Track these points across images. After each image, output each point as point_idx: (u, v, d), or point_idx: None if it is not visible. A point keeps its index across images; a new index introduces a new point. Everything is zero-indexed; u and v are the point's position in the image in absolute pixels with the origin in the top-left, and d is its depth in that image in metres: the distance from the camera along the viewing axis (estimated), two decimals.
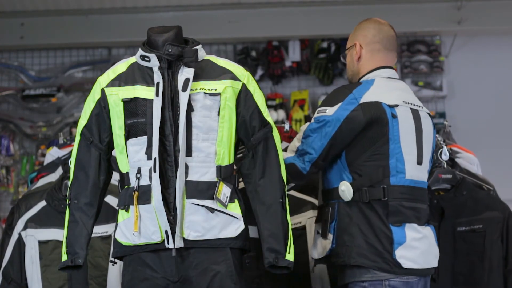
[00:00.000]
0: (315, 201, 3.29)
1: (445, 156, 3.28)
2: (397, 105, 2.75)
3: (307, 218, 3.24)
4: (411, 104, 2.81)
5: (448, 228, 3.22)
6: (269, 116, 2.71)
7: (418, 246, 2.69)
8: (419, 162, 2.77)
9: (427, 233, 2.76)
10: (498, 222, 3.28)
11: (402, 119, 2.74)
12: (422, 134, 2.80)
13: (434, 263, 2.78)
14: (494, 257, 3.23)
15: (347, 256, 2.69)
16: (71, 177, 2.72)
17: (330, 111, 2.74)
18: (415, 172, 2.75)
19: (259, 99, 2.69)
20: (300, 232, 3.20)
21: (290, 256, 2.60)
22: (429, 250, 2.74)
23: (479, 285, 3.22)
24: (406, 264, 2.66)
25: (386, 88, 2.79)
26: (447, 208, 3.22)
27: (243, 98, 2.66)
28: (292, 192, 3.27)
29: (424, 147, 2.80)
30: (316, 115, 2.79)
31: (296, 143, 2.82)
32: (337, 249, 2.72)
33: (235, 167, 2.71)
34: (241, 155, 2.76)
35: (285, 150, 2.85)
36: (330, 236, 2.74)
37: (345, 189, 2.71)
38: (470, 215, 3.26)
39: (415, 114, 2.80)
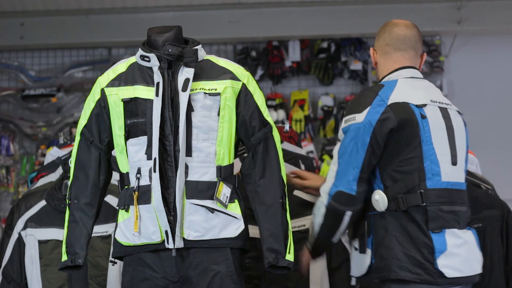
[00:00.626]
0: None
1: None
2: (425, 105, 2.65)
3: (311, 222, 3.23)
4: (438, 102, 2.72)
5: None
6: (269, 116, 2.71)
7: (459, 253, 2.57)
8: (454, 162, 2.65)
9: (468, 238, 2.63)
10: (497, 220, 3.24)
11: (431, 119, 2.64)
12: (453, 133, 2.68)
13: (478, 269, 2.65)
14: (494, 255, 3.20)
15: (387, 270, 2.57)
16: (71, 177, 2.72)
17: (359, 117, 2.60)
18: (451, 173, 2.63)
19: (259, 99, 2.69)
20: (303, 236, 3.19)
21: (290, 256, 2.60)
22: (471, 255, 2.62)
23: (480, 284, 3.21)
24: (449, 273, 2.54)
25: (410, 88, 2.69)
26: None
27: (243, 98, 2.66)
28: (298, 193, 3.26)
29: (457, 147, 2.67)
30: (344, 125, 2.65)
31: (333, 167, 2.65)
32: (376, 264, 2.60)
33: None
34: (246, 154, 2.75)
35: (285, 150, 2.82)
36: (369, 251, 2.62)
37: (379, 199, 2.59)
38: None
39: (444, 112, 2.70)
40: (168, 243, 2.55)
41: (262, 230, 2.63)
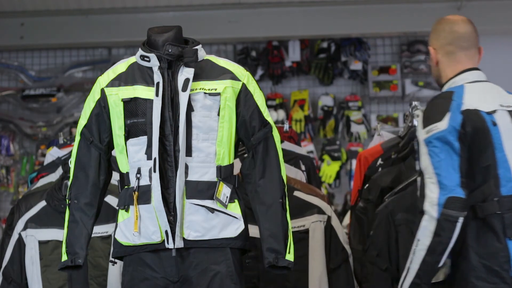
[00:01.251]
0: (322, 205, 3.28)
1: None
2: (495, 111, 2.58)
3: (311, 222, 3.22)
4: (507, 106, 2.63)
5: None
6: (269, 116, 2.71)
7: None
8: None
9: None
10: None
11: (502, 125, 2.57)
12: None
13: None
14: None
15: (464, 281, 2.53)
16: (71, 177, 2.72)
17: (441, 124, 2.53)
18: None
19: (259, 99, 2.69)
20: (302, 236, 3.19)
21: (290, 256, 2.60)
22: None
23: None
24: None
25: (479, 93, 2.62)
26: None
27: (243, 98, 2.65)
28: (298, 194, 3.26)
29: None
30: (425, 136, 2.56)
31: (431, 181, 2.51)
32: (453, 275, 2.58)
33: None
34: (246, 154, 2.75)
35: (285, 150, 2.80)
36: (448, 261, 2.57)
37: None
38: None
39: None
40: (168, 243, 2.55)
41: (262, 230, 2.62)
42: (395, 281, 2.89)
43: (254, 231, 2.73)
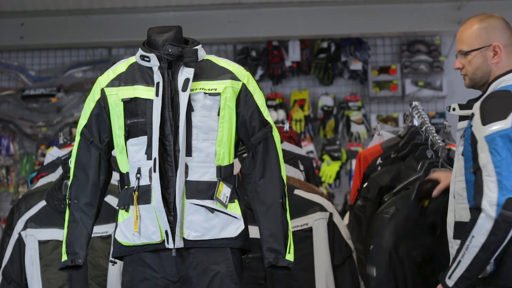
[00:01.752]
0: (323, 202, 3.28)
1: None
2: None
3: (314, 220, 3.23)
4: None
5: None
6: (269, 116, 2.71)
7: None
8: None
9: None
10: None
11: None
12: None
13: None
14: None
15: (508, 279, 2.52)
16: (71, 177, 2.72)
17: (506, 123, 2.50)
18: None
19: (259, 99, 2.69)
20: (306, 234, 3.20)
21: (290, 256, 2.60)
22: None
23: None
24: None
25: None
26: None
27: (243, 98, 2.65)
28: (299, 192, 3.27)
29: None
30: (486, 133, 2.52)
31: (490, 179, 2.48)
32: (496, 271, 2.55)
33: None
34: (245, 154, 2.75)
35: (284, 151, 2.79)
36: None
37: None
38: None
39: None
40: (168, 243, 2.55)
41: (262, 230, 2.62)
42: None
43: (257, 232, 2.73)
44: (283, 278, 3.05)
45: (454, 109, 2.73)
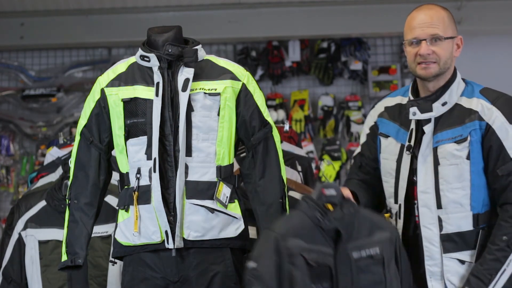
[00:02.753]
0: None
1: None
2: None
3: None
4: None
5: None
6: (269, 116, 2.71)
7: None
8: None
9: None
10: None
11: None
12: None
13: None
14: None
15: None
16: (71, 177, 2.72)
17: None
18: None
19: (259, 99, 2.69)
20: None
21: None
22: None
23: None
24: None
25: None
26: None
27: (243, 98, 2.66)
28: (293, 194, 3.26)
29: None
30: None
31: None
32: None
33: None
34: (244, 154, 2.75)
35: (282, 151, 2.78)
36: None
37: None
38: None
39: None
40: (168, 243, 2.55)
41: (262, 230, 2.63)
42: None
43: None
44: None
45: (414, 114, 2.59)
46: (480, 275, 2.48)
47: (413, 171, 2.60)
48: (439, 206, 2.55)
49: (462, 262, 2.55)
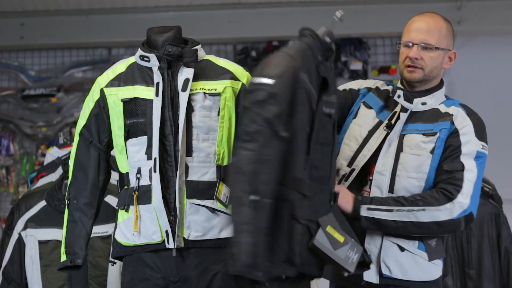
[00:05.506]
0: None
1: None
2: None
3: None
4: None
5: None
6: None
7: None
8: None
9: None
10: None
11: None
12: None
13: None
14: None
15: None
16: (70, 177, 2.72)
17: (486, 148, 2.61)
18: None
19: None
20: None
21: None
22: None
23: None
24: None
25: None
26: None
27: (243, 98, 2.65)
28: None
29: None
30: (480, 148, 2.59)
31: (467, 191, 2.54)
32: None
33: None
34: None
35: None
36: None
37: None
38: None
39: None
40: (168, 243, 2.55)
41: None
42: None
43: None
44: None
45: (399, 97, 2.72)
46: (373, 198, 2.57)
47: (379, 149, 2.68)
48: (391, 190, 2.62)
49: (402, 249, 2.62)
